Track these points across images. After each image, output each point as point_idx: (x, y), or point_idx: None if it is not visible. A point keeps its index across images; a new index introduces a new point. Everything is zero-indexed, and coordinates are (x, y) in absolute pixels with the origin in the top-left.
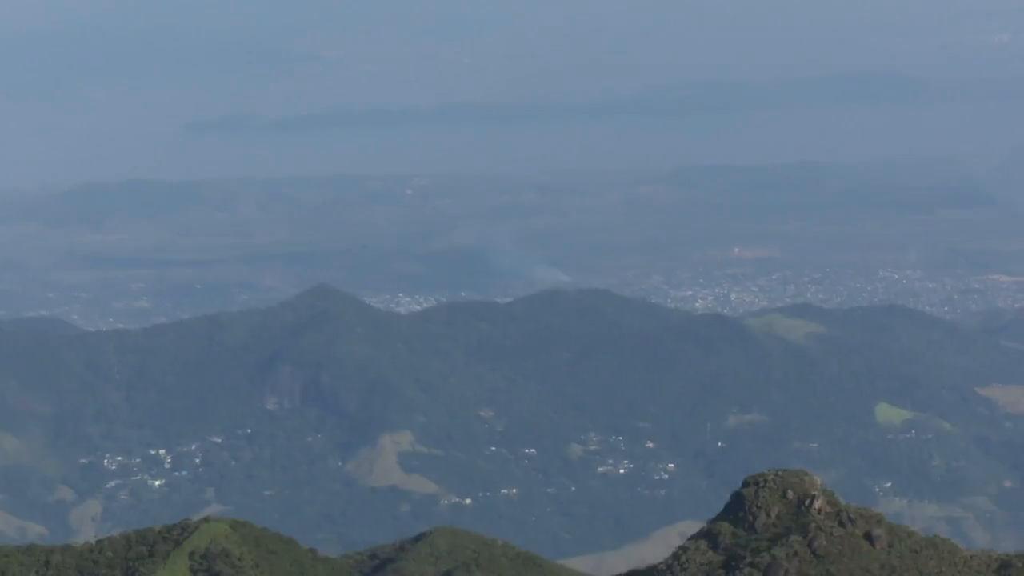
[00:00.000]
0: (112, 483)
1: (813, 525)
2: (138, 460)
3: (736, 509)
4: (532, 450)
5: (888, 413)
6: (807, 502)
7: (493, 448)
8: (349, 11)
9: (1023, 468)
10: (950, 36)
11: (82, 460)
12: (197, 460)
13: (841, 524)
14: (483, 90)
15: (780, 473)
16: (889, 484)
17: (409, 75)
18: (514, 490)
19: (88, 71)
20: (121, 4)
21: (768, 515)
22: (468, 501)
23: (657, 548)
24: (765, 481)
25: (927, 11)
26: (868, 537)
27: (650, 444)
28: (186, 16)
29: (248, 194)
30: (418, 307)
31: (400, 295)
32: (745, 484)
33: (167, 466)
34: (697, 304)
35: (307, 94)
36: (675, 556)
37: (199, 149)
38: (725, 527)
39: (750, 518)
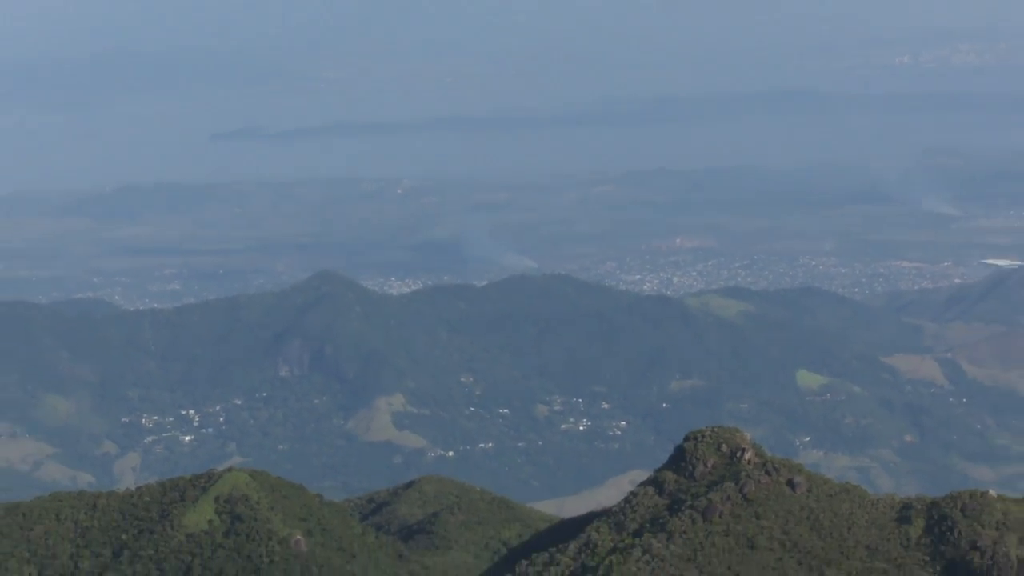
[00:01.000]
0: (149, 439)
1: (744, 473)
2: (171, 419)
3: (678, 460)
4: (505, 410)
5: (806, 378)
6: (738, 454)
7: (472, 408)
8: (347, 39)
9: (921, 425)
10: (860, 58)
11: (123, 419)
12: (221, 419)
13: (767, 472)
14: (462, 105)
15: (715, 430)
16: (808, 439)
17: (398, 92)
18: (490, 444)
19: (127, 90)
20: (154, 32)
21: (705, 465)
22: (451, 453)
23: (611, 493)
24: (703, 436)
25: (840, 37)
26: (790, 484)
27: (605, 405)
28: (208, 42)
29: (261, 193)
30: (407, 289)
31: (392, 279)
32: (686, 439)
33: (195, 424)
34: (645, 286)
35: (311, 108)
36: (627, 500)
37: (219, 155)
38: (669, 475)
39: (690, 468)
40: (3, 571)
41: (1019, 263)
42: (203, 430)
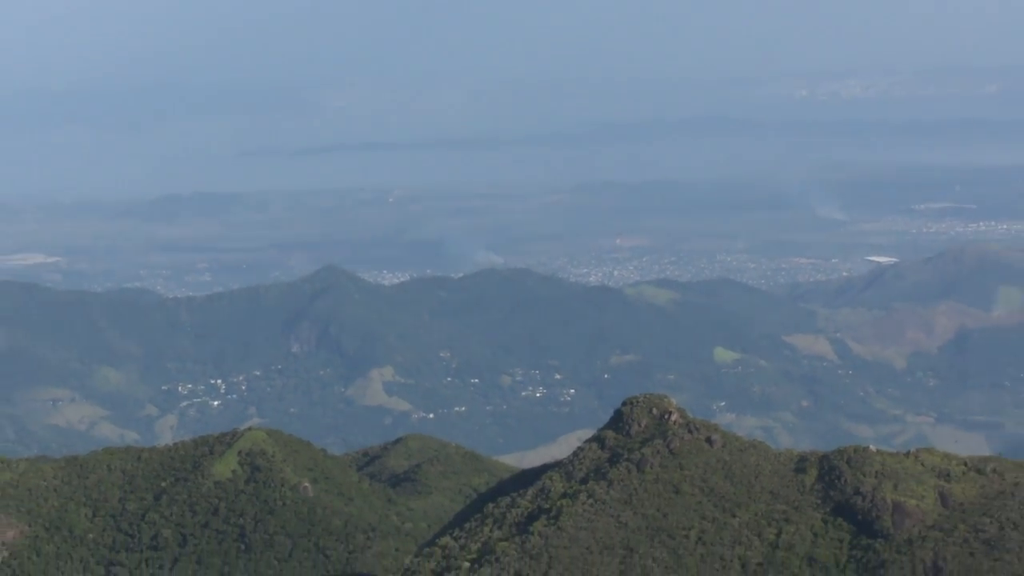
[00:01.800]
0: (184, 403)
1: (670, 432)
2: (202, 387)
3: (617, 421)
4: (476, 380)
5: (722, 354)
6: (666, 416)
7: (449, 379)
8: (350, 74)
9: (815, 392)
10: (768, 91)
11: (163, 387)
12: (243, 387)
13: (689, 431)
14: (443, 128)
15: (647, 396)
16: (723, 403)
17: (391, 118)
18: (463, 408)
19: (170, 114)
20: (191, 66)
21: (639, 425)
22: (431, 415)
23: (562, 448)
24: (637, 402)
25: (752, 72)
26: (708, 440)
27: (558, 376)
28: (237, 75)
29: (278, 201)
30: (397, 280)
31: (384, 272)
32: (623, 404)
33: (222, 391)
34: (591, 278)
35: (320, 131)
36: (575, 454)
37: (245, 169)
38: (610, 434)
39: (627, 427)
40: (64, 512)
41: (895, 259)
42: (228, 396)
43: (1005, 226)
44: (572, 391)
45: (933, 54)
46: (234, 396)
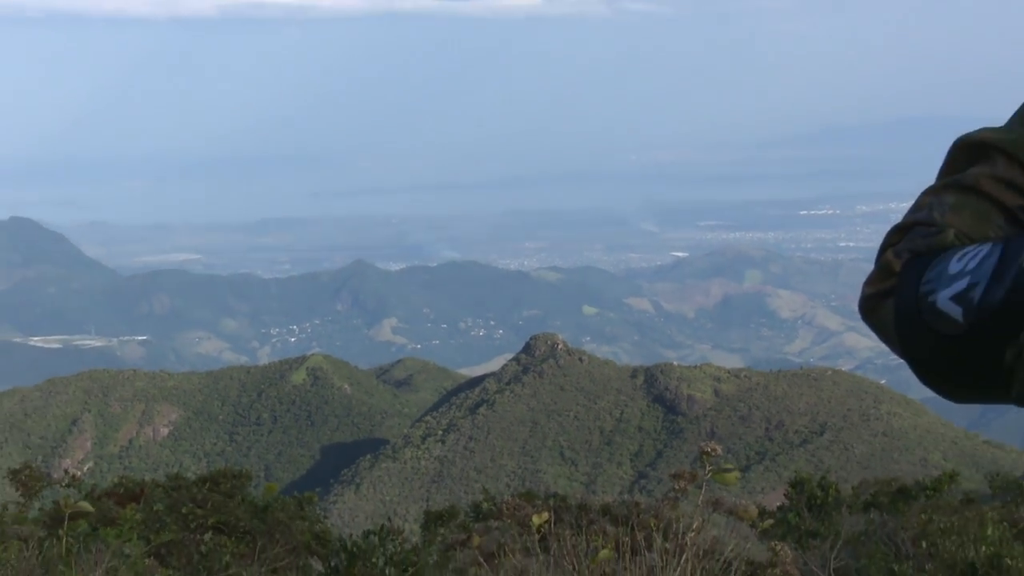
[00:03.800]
0: (274, 340)
1: (558, 354)
2: (284, 330)
3: (527, 349)
4: (445, 325)
5: (588, 310)
6: (556, 346)
7: (429, 324)
8: (372, 143)
9: (642, 332)
10: (616, 153)
11: (262, 330)
12: (309, 331)
13: (569, 354)
14: (430, 176)
15: (545, 334)
16: (588, 339)
17: (385, 171)
18: (438, 341)
19: (260, 167)
20: (250, 136)
21: (540, 351)
22: (419, 346)
23: (495, 365)
24: (538, 337)
25: (612, 139)
26: (580, 359)
27: (492, 323)
28: (300, 142)
29: (327, 223)
30: (397, 268)
31: (390, 263)
32: (530, 339)
33: (296, 333)
34: (512, 266)
35: (350, 180)
36: (502, 368)
37: (310, 203)
38: (523, 356)
39: (533, 352)
40: (205, 403)
41: (686, 254)
42: (300, 336)
43: (751, 235)
44: (500, 332)
45: (718, 128)
46: (304, 336)
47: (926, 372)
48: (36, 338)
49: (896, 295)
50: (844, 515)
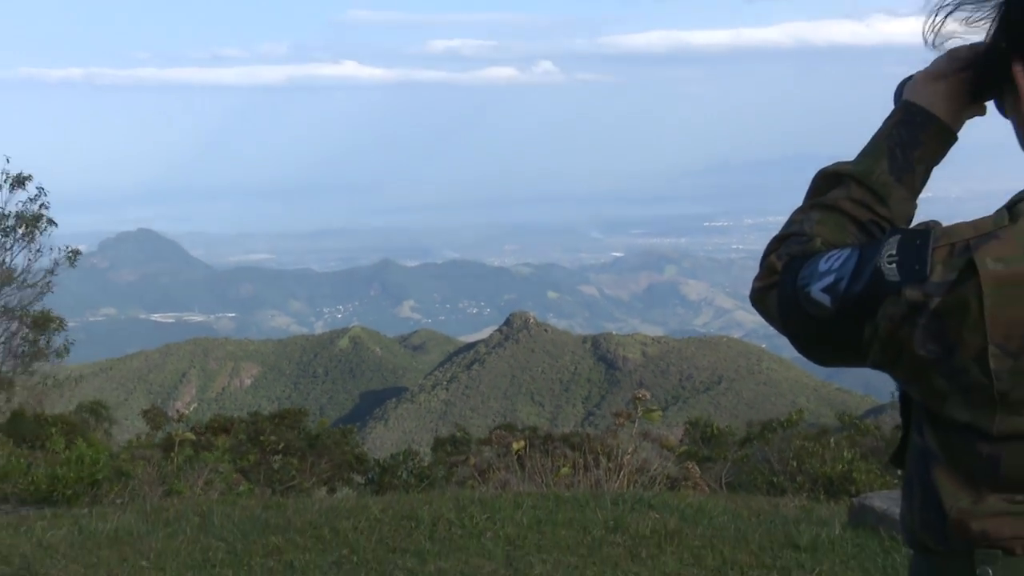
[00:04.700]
0: (325, 316)
1: (530, 327)
2: (332, 309)
3: (507, 323)
4: (448, 305)
5: (552, 295)
6: (528, 320)
7: (436, 304)
8: (397, 178)
9: (592, 312)
10: (572, 181)
11: (316, 309)
12: (350, 310)
13: (538, 326)
14: (430, 199)
15: (520, 312)
16: (551, 315)
17: (406, 195)
18: (443, 317)
19: (319, 192)
20: (296, 168)
21: (517, 325)
22: (430, 321)
23: (483, 335)
24: (515, 315)
25: (558, 187)
26: (545, 330)
27: (482, 303)
28: (333, 174)
29: (362, 232)
30: (414, 264)
31: (409, 261)
32: (510, 315)
33: (341, 311)
34: (495, 263)
35: (380, 202)
36: (489, 337)
37: (352, 218)
38: (504, 328)
39: (513, 325)
40: (276, 361)
41: (622, 254)
42: (345, 313)
43: (669, 240)
44: (488, 310)
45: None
46: (347, 313)
47: (802, 345)
48: (156, 315)
49: (778, 288)
50: (731, 444)
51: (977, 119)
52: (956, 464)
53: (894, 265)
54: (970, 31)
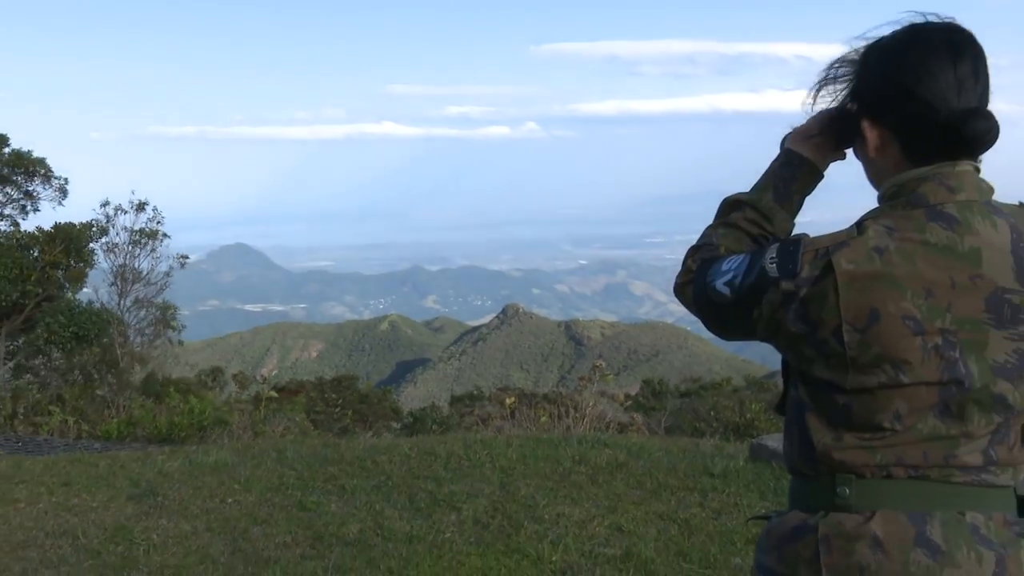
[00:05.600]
0: (371, 307)
1: (521, 316)
2: (375, 302)
3: (504, 312)
4: (461, 299)
5: (535, 291)
6: (518, 311)
7: (452, 299)
8: (413, 201)
9: (564, 303)
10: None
11: (365, 301)
12: (389, 303)
13: (526, 315)
14: (448, 221)
15: (512, 304)
16: (534, 307)
17: (430, 218)
18: (457, 308)
19: (383, 215)
20: (322, 197)
21: (510, 314)
22: (447, 311)
23: (485, 320)
24: (509, 306)
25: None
26: (531, 317)
27: (485, 297)
28: (376, 203)
29: (393, 247)
30: (436, 269)
31: (432, 267)
32: (504, 307)
33: (381, 304)
34: (493, 267)
35: (404, 231)
36: (488, 323)
37: (391, 238)
38: (501, 315)
39: (507, 314)
40: (334, 339)
41: (587, 262)
42: (385, 305)
43: (622, 252)
44: (489, 302)
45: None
46: (386, 305)
47: (711, 326)
48: (248, 305)
49: (693, 284)
50: (670, 399)
51: (840, 162)
52: (821, 411)
53: (774, 264)
54: (832, 101)
